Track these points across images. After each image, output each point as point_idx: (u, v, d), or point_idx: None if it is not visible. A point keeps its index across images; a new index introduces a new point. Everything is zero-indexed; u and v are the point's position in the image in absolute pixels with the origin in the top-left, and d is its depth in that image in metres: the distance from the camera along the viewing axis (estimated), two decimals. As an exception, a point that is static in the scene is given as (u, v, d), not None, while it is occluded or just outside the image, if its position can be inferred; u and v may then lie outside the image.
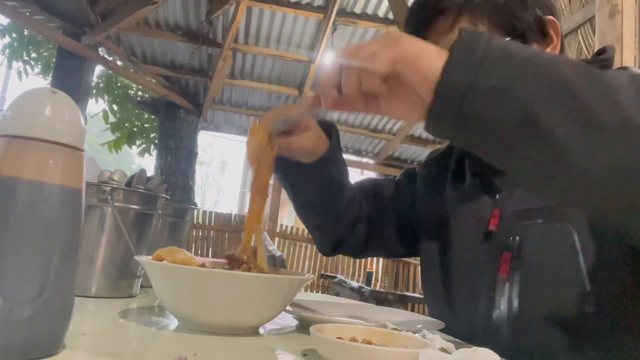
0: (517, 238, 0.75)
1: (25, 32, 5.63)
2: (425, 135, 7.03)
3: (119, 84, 6.25)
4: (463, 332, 0.77)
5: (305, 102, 0.64)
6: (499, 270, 0.76)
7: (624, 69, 0.75)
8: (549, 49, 0.76)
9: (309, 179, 0.86)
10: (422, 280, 1.00)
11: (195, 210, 6.92)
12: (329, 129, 0.87)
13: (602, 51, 0.80)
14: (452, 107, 0.49)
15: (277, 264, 3.80)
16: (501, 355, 0.46)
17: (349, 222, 0.94)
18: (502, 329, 0.75)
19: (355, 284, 4.66)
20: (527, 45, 0.60)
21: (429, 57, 0.51)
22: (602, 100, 0.47)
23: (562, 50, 0.79)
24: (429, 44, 0.54)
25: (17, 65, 5.69)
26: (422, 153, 7.44)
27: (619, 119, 0.47)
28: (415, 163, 7.59)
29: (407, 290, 5.19)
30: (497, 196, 0.81)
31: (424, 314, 0.90)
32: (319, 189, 0.87)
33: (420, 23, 0.76)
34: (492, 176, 0.83)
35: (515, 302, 0.74)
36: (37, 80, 6.16)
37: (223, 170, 26.10)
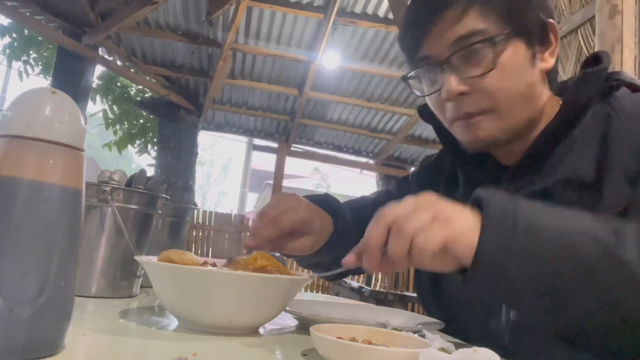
0: None
1: (26, 32, 5.63)
2: (425, 135, 7.04)
3: (118, 84, 6.25)
4: (461, 335, 0.77)
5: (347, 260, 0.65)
6: None
7: (616, 75, 0.75)
8: (547, 53, 0.75)
9: (313, 262, 0.91)
10: (416, 289, 1.00)
11: (195, 210, 6.92)
12: (334, 209, 0.89)
13: (597, 58, 0.79)
14: (488, 279, 0.57)
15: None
16: (502, 355, 0.46)
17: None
18: (500, 336, 0.74)
19: (355, 284, 4.66)
20: (551, 208, 0.59)
21: (471, 236, 0.56)
22: (621, 283, 0.54)
23: (557, 56, 0.78)
24: (464, 213, 0.58)
25: (18, 65, 5.69)
26: (422, 153, 7.44)
27: (634, 296, 0.54)
28: (415, 163, 7.59)
29: (407, 290, 5.19)
30: None
31: (423, 314, 0.90)
32: (324, 263, 0.90)
33: (428, 12, 0.74)
34: (484, 184, 0.82)
35: (512, 310, 0.73)
36: (38, 81, 6.16)
37: (224, 170, 26.12)
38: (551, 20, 0.75)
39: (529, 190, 0.73)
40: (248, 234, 0.79)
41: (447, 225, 0.56)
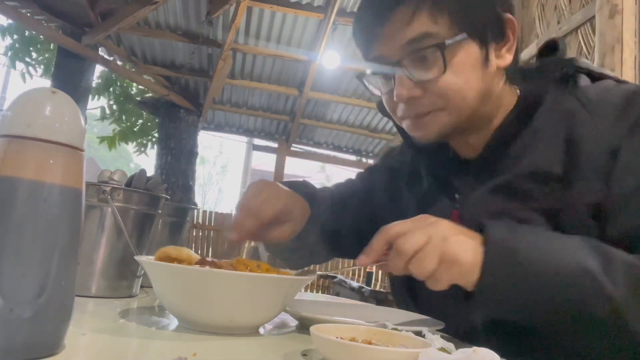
0: None
1: (27, 33, 5.63)
2: (425, 135, 7.02)
3: (118, 84, 6.25)
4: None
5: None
6: None
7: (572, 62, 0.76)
8: (504, 49, 0.73)
9: (289, 251, 0.92)
10: (391, 285, 1.01)
11: (195, 210, 6.92)
12: (311, 195, 0.90)
13: (553, 44, 0.79)
14: (488, 308, 0.65)
15: (277, 264, 3.80)
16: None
17: (311, 255, 0.98)
18: (482, 329, 0.74)
19: (355, 284, 4.66)
20: (545, 237, 0.64)
21: (474, 273, 0.61)
22: (605, 316, 0.58)
23: (517, 50, 0.76)
24: (468, 249, 0.62)
25: (20, 67, 5.69)
26: (422, 153, 7.43)
27: (617, 327, 0.58)
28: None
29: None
30: (455, 196, 0.80)
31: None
32: (299, 250, 0.91)
33: (377, 13, 0.72)
34: (449, 177, 0.82)
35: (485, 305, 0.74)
36: (40, 82, 6.16)
37: (225, 170, 26.11)
38: (509, 15, 0.73)
39: (492, 184, 0.73)
40: (230, 227, 0.79)
41: (453, 267, 0.61)
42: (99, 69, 5.72)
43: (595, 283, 0.58)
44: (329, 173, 19.40)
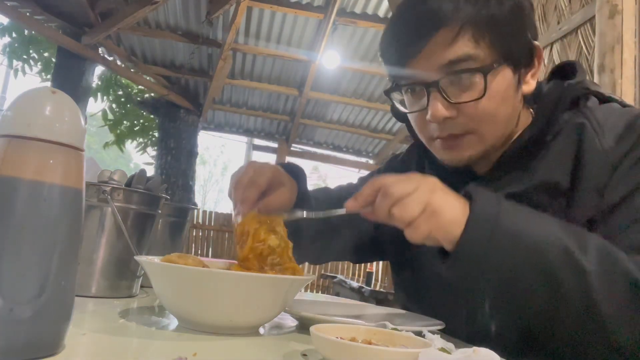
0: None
1: (26, 32, 5.63)
2: (425, 135, 7.03)
3: (118, 84, 6.25)
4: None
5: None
6: None
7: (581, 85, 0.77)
8: (529, 75, 0.76)
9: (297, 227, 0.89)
10: (394, 285, 1.01)
11: (195, 210, 6.92)
12: (296, 172, 0.90)
13: (569, 67, 0.81)
14: (463, 268, 0.64)
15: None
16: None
17: (304, 248, 0.94)
18: (486, 330, 0.74)
19: (355, 284, 4.66)
20: (529, 212, 0.65)
21: (455, 230, 0.62)
22: (576, 291, 0.59)
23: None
24: (453, 206, 0.64)
25: (16, 63, 5.68)
26: (422, 153, 7.43)
27: (585, 305, 0.59)
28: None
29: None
30: None
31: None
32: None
33: (418, 31, 0.71)
34: (453, 183, 0.83)
35: (491, 307, 0.74)
36: (37, 80, 6.16)
37: (225, 170, 26.11)
38: (537, 43, 0.75)
39: (503, 194, 0.73)
40: (234, 209, 0.78)
41: (433, 218, 0.62)
42: (99, 69, 5.72)
43: (570, 257, 0.59)
44: (322, 173, 19.40)
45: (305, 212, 0.77)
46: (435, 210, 0.62)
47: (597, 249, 0.61)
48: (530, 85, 0.76)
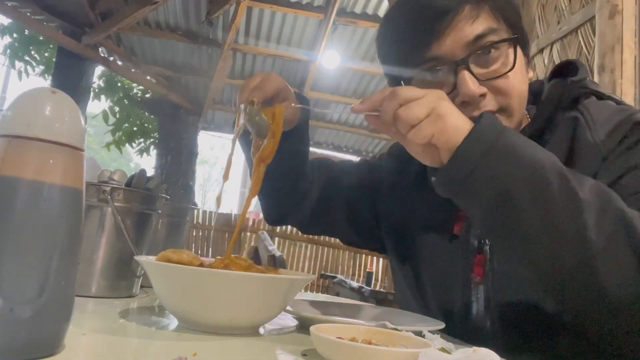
0: (488, 241, 0.77)
1: (26, 32, 5.63)
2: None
3: (119, 84, 6.25)
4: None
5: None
6: (473, 273, 0.77)
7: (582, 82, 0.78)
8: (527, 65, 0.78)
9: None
10: (394, 284, 1.00)
11: (195, 210, 6.92)
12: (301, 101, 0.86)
13: (570, 65, 0.81)
14: (457, 177, 0.62)
15: (277, 264, 3.80)
16: None
17: (297, 195, 0.93)
18: (481, 328, 0.76)
19: (355, 284, 4.66)
20: (532, 143, 0.63)
21: (456, 136, 0.61)
22: (567, 214, 0.58)
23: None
24: (459, 116, 0.63)
25: (19, 65, 5.69)
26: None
27: (575, 228, 0.57)
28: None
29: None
30: None
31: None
32: (284, 159, 0.81)
33: (440, 9, 0.71)
34: None
35: (492, 303, 0.75)
36: (38, 81, 6.16)
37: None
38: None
39: None
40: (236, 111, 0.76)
41: (439, 121, 0.61)
42: (99, 70, 5.72)
43: (565, 181, 0.59)
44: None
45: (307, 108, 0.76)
46: (440, 115, 0.61)
47: (593, 184, 0.61)
48: (529, 74, 0.78)
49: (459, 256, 0.80)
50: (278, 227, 7.36)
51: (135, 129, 6.35)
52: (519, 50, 0.73)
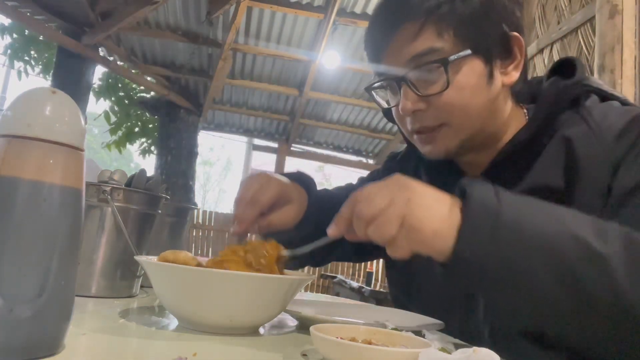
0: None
1: (26, 32, 5.63)
2: (425, 135, 7.03)
3: (119, 85, 6.25)
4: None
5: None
6: None
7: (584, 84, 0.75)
8: (511, 67, 0.74)
9: (290, 235, 0.87)
10: (389, 290, 1.00)
11: (196, 210, 6.93)
12: (307, 182, 0.89)
13: (568, 63, 0.79)
14: (464, 277, 0.58)
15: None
16: None
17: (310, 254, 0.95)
18: (479, 336, 0.75)
19: (355, 284, 4.66)
20: (533, 204, 0.58)
21: (445, 238, 0.56)
22: (599, 284, 0.53)
23: (524, 68, 0.77)
24: (437, 211, 0.57)
25: (18, 65, 5.68)
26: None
27: (612, 300, 0.52)
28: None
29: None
30: None
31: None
32: (299, 237, 0.84)
33: (385, 27, 0.74)
34: (449, 184, 0.83)
35: (491, 311, 0.74)
36: (38, 80, 6.16)
37: (225, 170, 26.13)
38: (515, 33, 0.73)
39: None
40: (232, 222, 0.79)
41: (413, 233, 0.56)
42: (100, 70, 5.72)
43: (586, 245, 0.54)
44: (327, 173, 19.45)
45: (292, 251, 0.72)
46: (413, 225, 0.56)
47: (618, 233, 0.55)
48: (511, 76, 0.75)
49: None
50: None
51: (137, 129, 6.34)
52: (475, 63, 0.71)
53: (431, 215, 0.57)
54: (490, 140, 0.77)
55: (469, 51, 0.70)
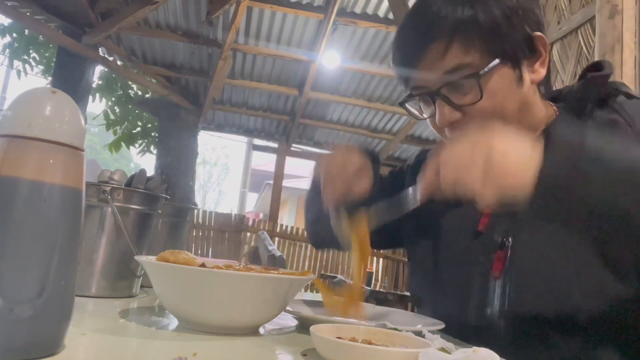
0: (510, 238, 0.77)
1: (26, 32, 5.63)
2: (425, 135, 7.03)
3: (119, 84, 6.25)
4: (455, 328, 0.78)
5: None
6: (492, 269, 0.78)
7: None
8: (537, 64, 0.77)
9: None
10: (410, 277, 1.01)
11: (196, 210, 6.92)
12: (374, 156, 0.92)
13: (599, 66, 0.81)
14: (549, 203, 0.60)
15: (277, 264, 3.80)
16: (497, 352, 0.46)
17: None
18: (496, 325, 0.76)
19: (355, 284, 4.65)
20: (612, 137, 0.62)
21: (524, 178, 0.58)
22: None
23: (548, 63, 0.79)
24: (524, 146, 0.60)
25: (18, 65, 5.68)
26: (422, 153, 7.43)
27: None
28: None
29: (407, 290, 5.18)
30: None
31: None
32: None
33: (413, 46, 0.77)
34: None
35: (509, 299, 0.75)
36: (37, 80, 6.16)
37: (225, 170, 26.15)
38: (537, 33, 0.76)
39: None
40: (323, 194, 0.83)
41: (495, 173, 0.58)
42: (99, 69, 5.72)
43: None
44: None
45: (386, 208, 0.78)
46: (494, 172, 0.58)
47: None
48: (539, 73, 0.77)
49: (481, 252, 0.80)
50: (278, 227, 7.37)
51: (138, 129, 6.33)
52: (504, 70, 0.73)
53: (513, 153, 0.59)
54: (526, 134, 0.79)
55: (497, 61, 0.72)
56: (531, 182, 0.58)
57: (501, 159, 0.58)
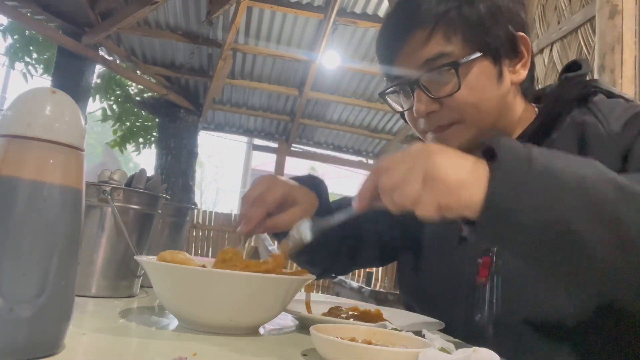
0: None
1: (27, 33, 5.63)
2: (425, 135, 7.03)
3: (118, 84, 6.25)
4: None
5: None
6: (478, 275, 0.78)
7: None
8: (519, 65, 0.77)
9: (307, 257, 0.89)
10: (399, 284, 1.01)
11: (195, 210, 6.92)
12: (318, 185, 0.89)
13: (576, 65, 0.81)
14: (498, 227, 0.54)
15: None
16: None
17: (332, 255, 0.95)
18: (483, 331, 0.76)
19: (355, 284, 4.67)
20: (562, 154, 0.56)
21: (470, 191, 0.53)
22: (633, 213, 0.52)
23: (532, 66, 0.80)
24: (464, 162, 0.55)
25: (20, 67, 5.69)
26: (422, 153, 7.43)
27: None
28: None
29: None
30: None
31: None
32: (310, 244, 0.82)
33: (396, 34, 0.78)
34: None
35: (496, 305, 0.75)
36: (41, 82, 6.16)
37: (225, 170, 26.16)
38: (521, 33, 0.77)
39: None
40: (238, 222, 0.80)
41: (436, 185, 0.54)
42: (99, 69, 5.72)
43: (621, 186, 0.53)
44: (320, 173, 19.44)
45: (311, 225, 0.72)
46: (436, 176, 0.53)
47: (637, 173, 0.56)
48: (520, 74, 0.78)
49: (466, 258, 0.80)
50: (278, 227, 7.35)
51: (135, 129, 6.33)
52: (484, 63, 0.73)
53: (455, 165, 0.55)
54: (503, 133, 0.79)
55: (478, 53, 0.73)
56: (476, 199, 0.53)
57: (440, 166, 0.54)
